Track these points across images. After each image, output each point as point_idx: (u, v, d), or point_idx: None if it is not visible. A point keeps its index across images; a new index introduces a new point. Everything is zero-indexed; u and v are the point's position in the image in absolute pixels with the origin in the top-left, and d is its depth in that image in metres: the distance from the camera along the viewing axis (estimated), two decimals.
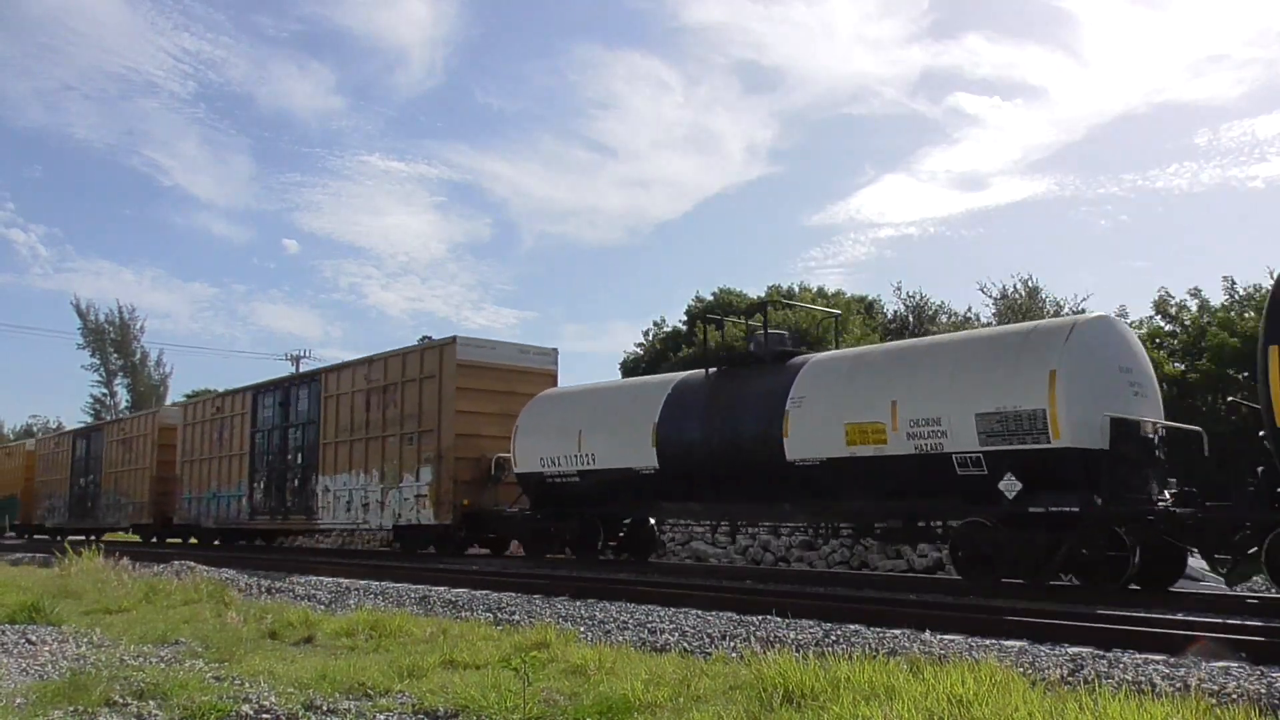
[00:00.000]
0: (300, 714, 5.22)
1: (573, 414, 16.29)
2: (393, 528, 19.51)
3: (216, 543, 27.29)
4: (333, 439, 20.91)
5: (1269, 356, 9.32)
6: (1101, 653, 6.44)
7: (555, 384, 19.04)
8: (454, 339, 18.43)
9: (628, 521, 16.91)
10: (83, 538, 33.55)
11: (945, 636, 7.26)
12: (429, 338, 20.27)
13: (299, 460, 22.33)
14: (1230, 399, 17.93)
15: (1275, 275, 27.11)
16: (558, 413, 16.70)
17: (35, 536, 36.94)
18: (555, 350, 19.68)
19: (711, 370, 14.76)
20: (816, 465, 12.42)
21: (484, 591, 11.57)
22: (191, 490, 26.89)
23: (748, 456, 13.28)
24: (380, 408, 19.54)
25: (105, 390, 68.24)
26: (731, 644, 7.14)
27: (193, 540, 28.91)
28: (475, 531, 18.69)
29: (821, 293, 41.64)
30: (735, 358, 15.01)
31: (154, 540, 29.90)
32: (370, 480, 19.61)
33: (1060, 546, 10.52)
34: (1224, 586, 11.33)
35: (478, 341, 18.65)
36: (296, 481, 22.32)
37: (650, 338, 44.98)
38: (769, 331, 14.80)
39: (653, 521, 16.70)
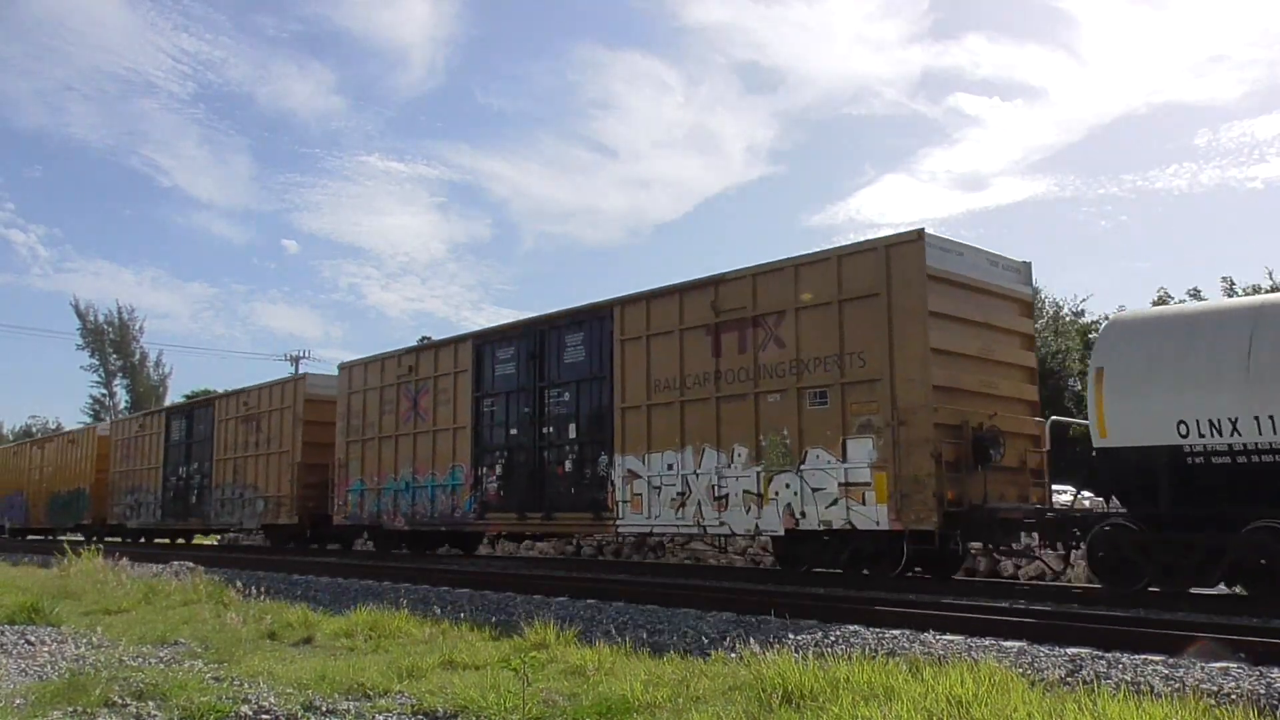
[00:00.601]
0: (299, 714, 5.23)
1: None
2: (785, 533, 12.36)
3: (404, 548, 20.17)
4: (641, 401, 13.99)
5: None
6: (1101, 653, 6.44)
7: (1031, 314, 13.15)
8: (919, 233, 11.39)
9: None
10: (173, 541, 29.48)
11: (945, 637, 7.26)
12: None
13: (571, 434, 15.36)
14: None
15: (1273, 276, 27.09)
16: (1228, 341, 9.69)
17: (108, 539, 28.19)
18: (1029, 264, 12.89)
19: None
20: None
21: (484, 592, 11.57)
22: (366, 479, 19.48)
23: None
24: (745, 349, 12.70)
25: (104, 391, 68.20)
26: (731, 644, 7.14)
27: (362, 544, 22.27)
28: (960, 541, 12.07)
29: None
30: None
31: (292, 544, 23.28)
32: (727, 461, 12.74)
33: None
34: (1223, 586, 11.31)
35: (944, 242, 11.77)
36: (568, 464, 15.32)
37: None
38: None
39: None
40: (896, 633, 7.57)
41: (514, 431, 16.34)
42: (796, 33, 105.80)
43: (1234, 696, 4.91)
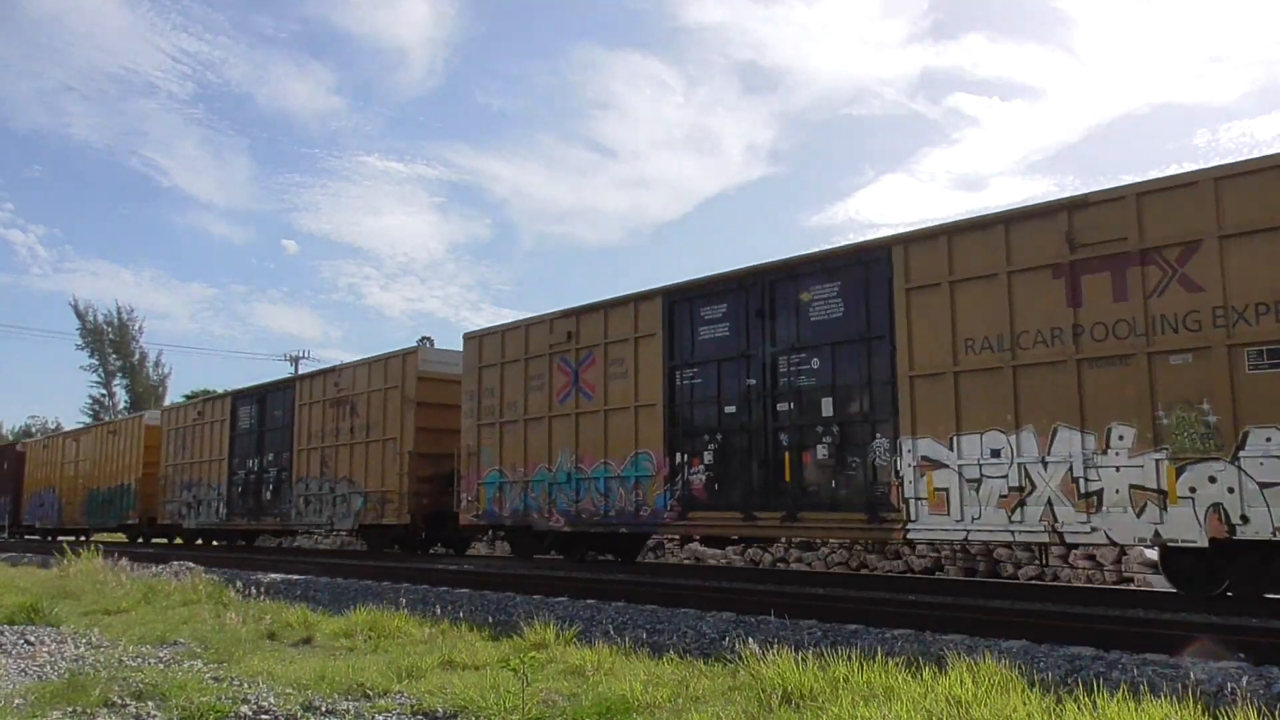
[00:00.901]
0: (299, 715, 5.22)
1: None
2: (1209, 544, 9.16)
3: (552, 552, 16.75)
4: (943, 366, 10.68)
5: None
6: (1101, 653, 6.44)
7: None
8: None
9: None
10: (233, 543, 27.19)
11: (945, 636, 7.26)
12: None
13: (825, 410, 11.88)
14: None
15: None
16: None
17: (156, 541, 28.00)
18: None
19: None
20: None
21: (484, 592, 11.57)
22: (506, 470, 16.00)
23: None
24: (1126, 294, 9.63)
25: (104, 390, 68.21)
26: (730, 644, 7.14)
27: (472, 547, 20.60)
28: None
29: None
30: None
31: (396, 548, 19.99)
32: (1098, 445, 9.62)
33: None
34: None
35: None
36: (821, 450, 11.89)
37: None
38: None
39: None
40: (897, 632, 7.57)
41: (731, 409, 12.92)
42: (796, 33, 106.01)
43: (1234, 696, 4.91)
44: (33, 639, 8.08)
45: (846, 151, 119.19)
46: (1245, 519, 8.58)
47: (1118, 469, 9.45)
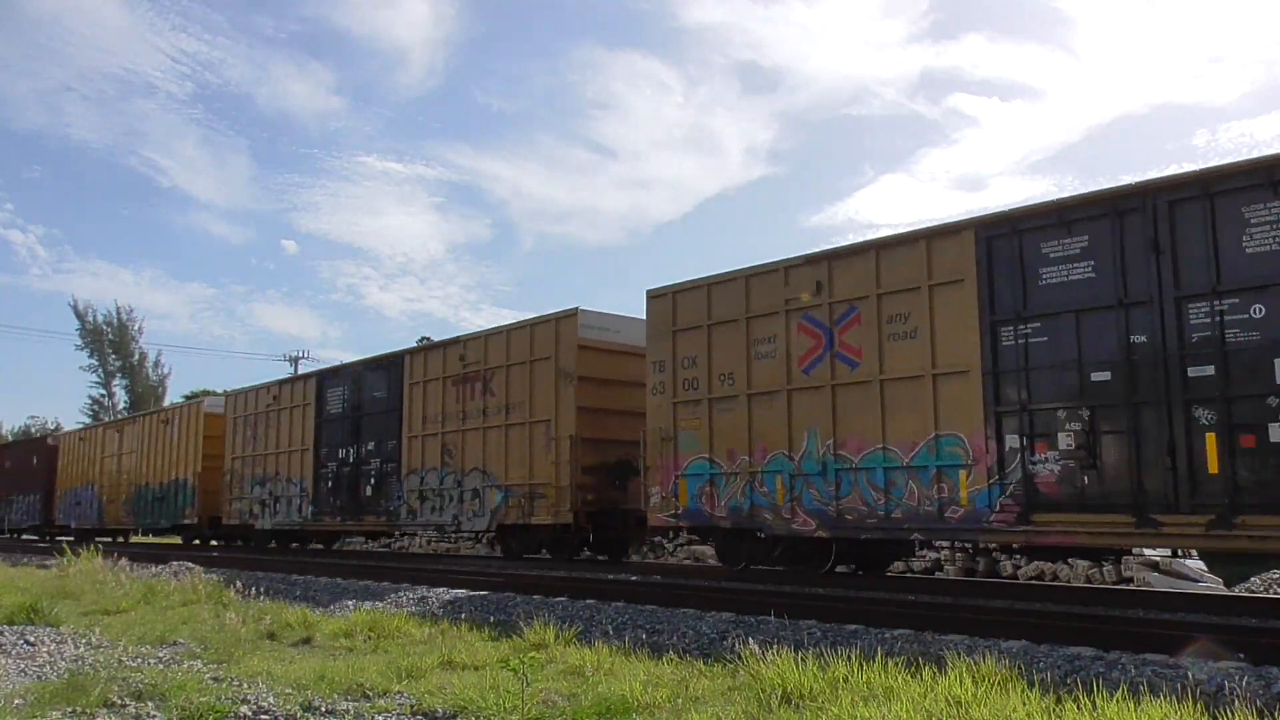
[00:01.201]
0: (299, 715, 5.22)
1: None
2: None
3: (779, 563, 13.36)
4: None
5: None
6: (1101, 653, 6.44)
7: None
8: None
9: None
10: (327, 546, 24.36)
11: (945, 636, 7.26)
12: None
13: (1279, 375, 8.85)
14: None
15: None
16: None
17: (214, 542, 25.96)
18: None
19: None
20: None
21: (483, 592, 11.56)
22: (719, 459, 12.79)
23: None
24: None
25: (104, 391, 68.24)
26: (730, 644, 7.14)
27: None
28: None
29: None
30: None
31: (544, 552, 16.84)
32: None
33: None
34: (1222, 587, 11.33)
35: None
36: None
37: None
38: None
39: None
40: (896, 632, 7.56)
41: (1102, 376, 9.69)
42: (796, 33, 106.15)
43: (1233, 697, 4.91)
44: (32, 639, 8.08)
45: (846, 151, 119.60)
46: None
47: None
